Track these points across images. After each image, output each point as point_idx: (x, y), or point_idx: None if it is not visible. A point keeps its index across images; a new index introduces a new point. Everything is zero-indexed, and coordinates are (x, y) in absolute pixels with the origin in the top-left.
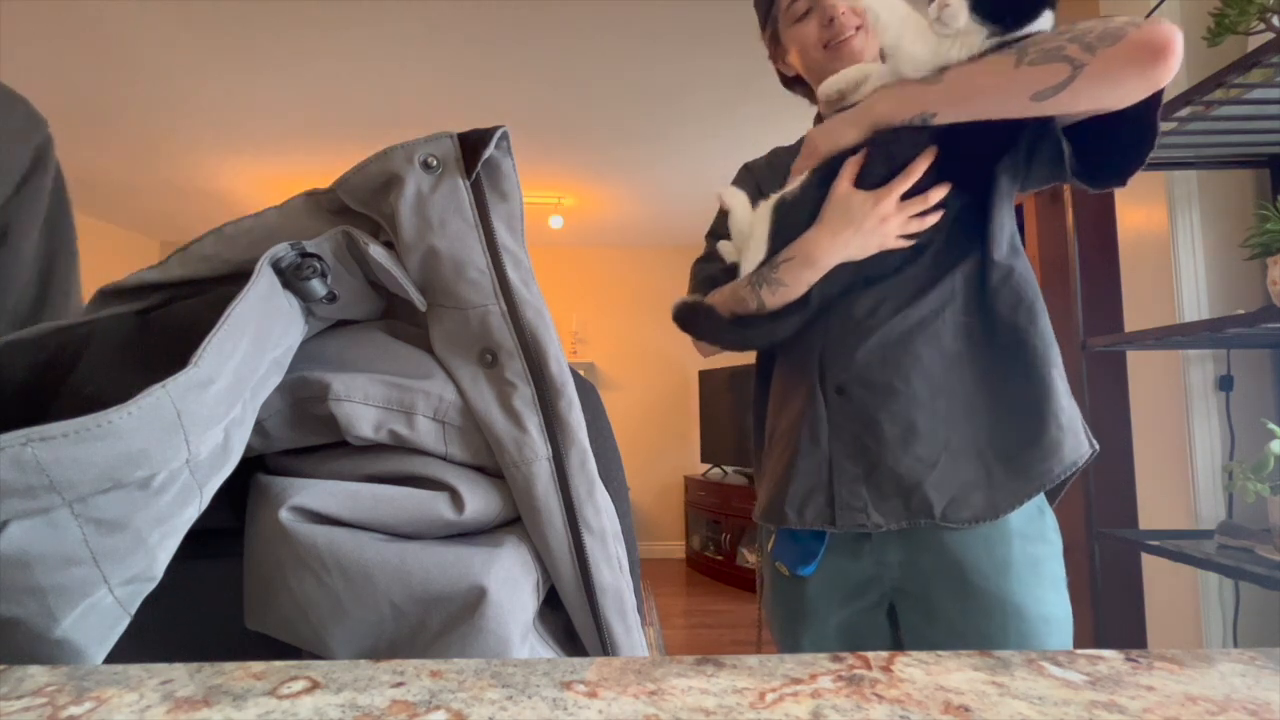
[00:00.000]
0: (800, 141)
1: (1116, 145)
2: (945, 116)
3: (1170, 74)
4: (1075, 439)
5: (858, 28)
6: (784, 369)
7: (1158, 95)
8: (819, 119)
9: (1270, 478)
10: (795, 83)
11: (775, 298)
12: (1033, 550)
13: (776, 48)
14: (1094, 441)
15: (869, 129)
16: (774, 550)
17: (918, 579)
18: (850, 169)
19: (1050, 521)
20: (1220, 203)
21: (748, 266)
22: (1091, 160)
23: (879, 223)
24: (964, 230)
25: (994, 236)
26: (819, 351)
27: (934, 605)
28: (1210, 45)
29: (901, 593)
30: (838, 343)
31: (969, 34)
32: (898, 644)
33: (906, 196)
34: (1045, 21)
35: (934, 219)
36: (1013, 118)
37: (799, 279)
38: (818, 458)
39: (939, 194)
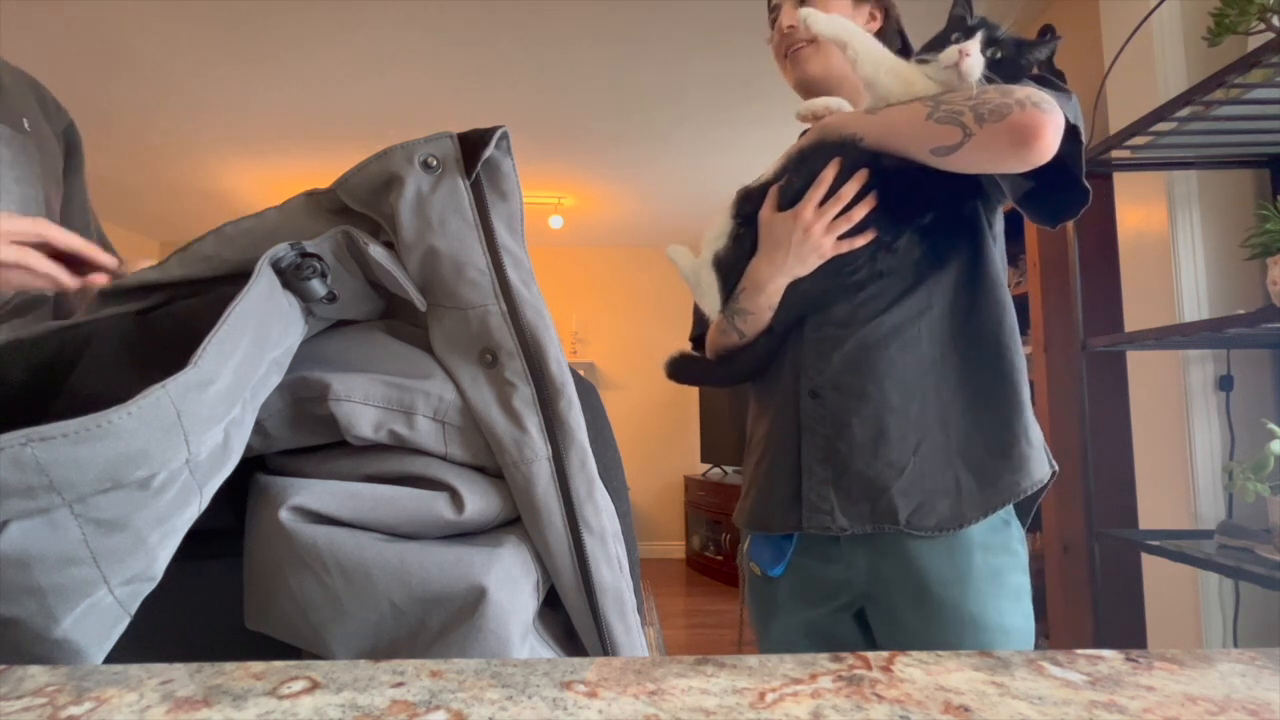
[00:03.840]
0: None
1: (1048, 191)
2: (869, 143)
3: (1043, 156)
4: (1040, 458)
5: (810, 40)
6: (761, 380)
7: (1074, 159)
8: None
9: (1270, 478)
10: None
11: (747, 325)
12: (995, 561)
13: None
14: (1054, 464)
15: (815, 139)
16: (749, 551)
17: (881, 586)
18: (771, 196)
19: (1016, 533)
20: (1220, 203)
21: (707, 311)
22: (1029, 197)
23: (804, 235)
24: (946, 239)
25: (984, 250)
26: (796, 358)
27: (896, 613)
28: (1210, 45)
29: (869, 599)
30: (814, 347)
31: (971, 88)
32: (872, 648)
33: (853, 223)
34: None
35: (864, 238)
36: (920, 161)
37: (756, 305)
38: (789, 461)
39: (863, 209)
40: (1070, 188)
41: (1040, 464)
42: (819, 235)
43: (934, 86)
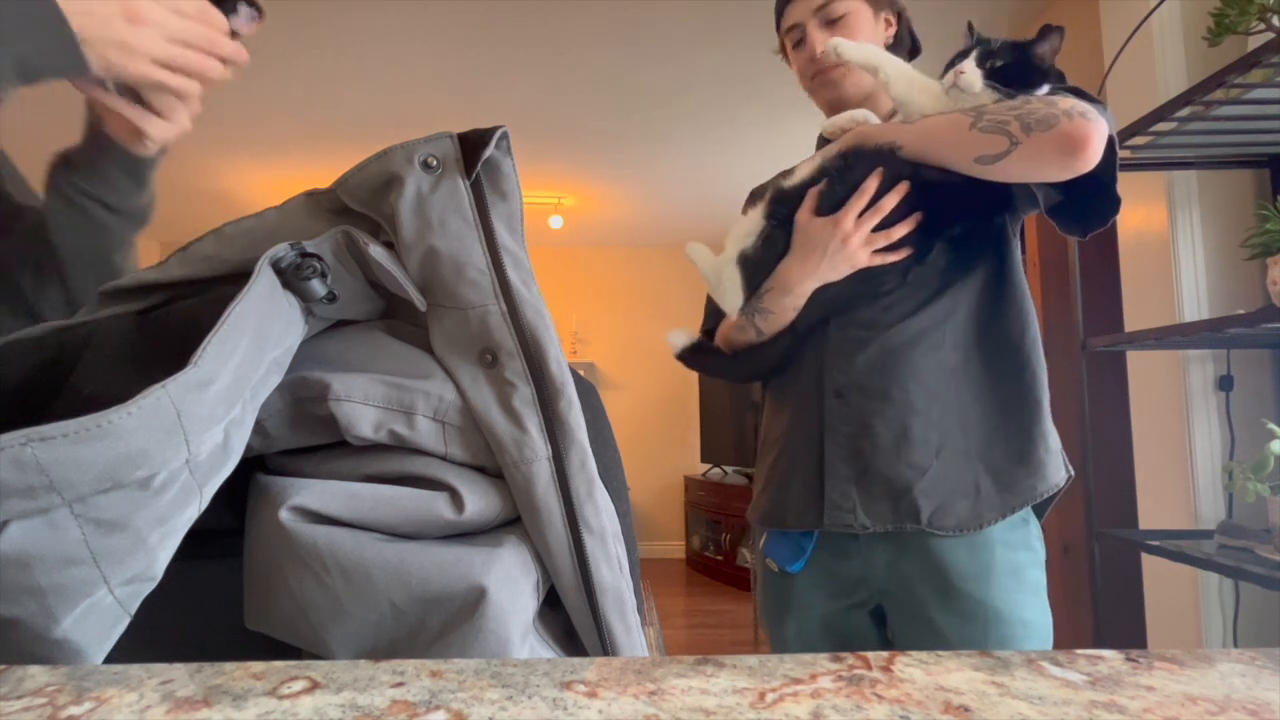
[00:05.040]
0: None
1: (1079, 201)
2: (909, 152)
3: (1089, 164)
4: (1057, 463)
5: (840, 63)
6: (780, 378)
7: (1109, 168)
8: (821, 139)
9: (1270, 478)
10: None
11: (767, 324)
12: (1015, 557)
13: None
14: (1070, 469)
15: (854, 143)
16: (765, 547)
17: (902, 582)
18: (810, 199)
19: (1034, 530)
20: (1220, 203)
21: (727, 308)
22: (1060, 208)
23: (842, 243)
24: (973, 248)
25: (1009, 259)
26: (819, 357)
27: (917, 608)
28: (1210, 45)
29: (887, 595)
30: (838, 347)
31: (981, 97)
32: (886, 644)
33: (880, 227)
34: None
35: (899, 254)
36: (960, 171)
37: (781, 306)
38: (810, 459)
39: (904, 228)
40: (1097, 196)
41: (1057, 469)
42: (856, 246)
43: (958, 104)
